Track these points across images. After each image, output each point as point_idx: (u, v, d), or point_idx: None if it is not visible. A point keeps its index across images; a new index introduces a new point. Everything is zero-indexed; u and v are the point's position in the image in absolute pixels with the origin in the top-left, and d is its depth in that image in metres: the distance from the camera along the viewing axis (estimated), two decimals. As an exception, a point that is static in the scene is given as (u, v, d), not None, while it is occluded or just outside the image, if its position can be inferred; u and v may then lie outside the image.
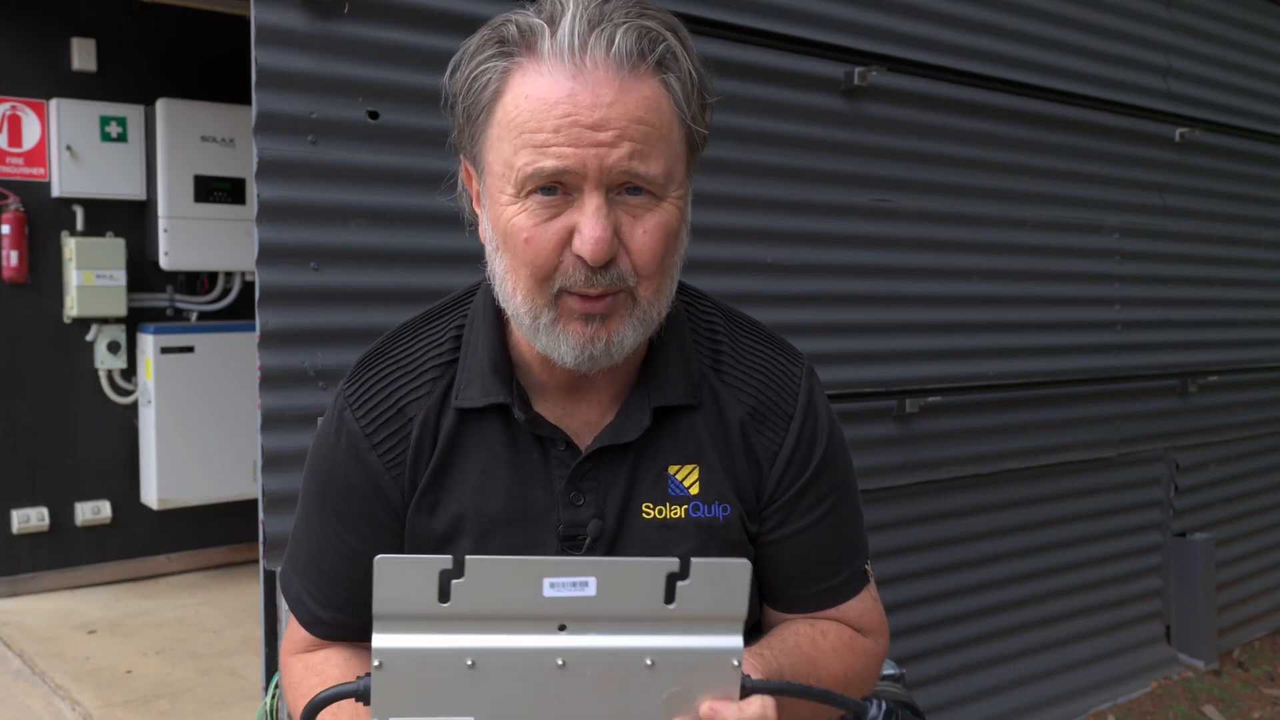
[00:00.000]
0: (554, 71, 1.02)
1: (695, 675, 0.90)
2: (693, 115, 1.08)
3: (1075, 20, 3.80)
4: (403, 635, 0.88)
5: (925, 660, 3.47)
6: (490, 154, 1.08)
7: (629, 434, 1.16)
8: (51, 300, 4.93)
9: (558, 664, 0.89)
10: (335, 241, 2.27)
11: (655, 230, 1.06)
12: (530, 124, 1.02)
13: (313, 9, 2.21)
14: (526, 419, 1.17)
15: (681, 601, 0.89)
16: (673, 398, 1.18)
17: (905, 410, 3.32)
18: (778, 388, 1.23)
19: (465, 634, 0.88)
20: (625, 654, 0.89)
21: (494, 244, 1.11)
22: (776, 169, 3.05)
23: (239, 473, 5.10)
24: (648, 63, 1.03)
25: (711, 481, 1.18)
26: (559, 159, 1.01)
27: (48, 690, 3.78)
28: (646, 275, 1.07)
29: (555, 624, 0.89)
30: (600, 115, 1.00)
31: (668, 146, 1.06)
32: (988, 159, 3.57)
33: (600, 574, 0.89)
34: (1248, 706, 4.09)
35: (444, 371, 1.21)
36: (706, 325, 1.25)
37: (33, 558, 4.90)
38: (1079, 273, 3.90)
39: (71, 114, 4.88)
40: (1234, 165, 4.53)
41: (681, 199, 1.10)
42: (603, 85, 1.01)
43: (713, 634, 0.90)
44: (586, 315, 1.07)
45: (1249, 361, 4.67)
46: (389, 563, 0.88)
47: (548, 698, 0.89)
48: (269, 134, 2.18)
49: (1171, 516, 4.34)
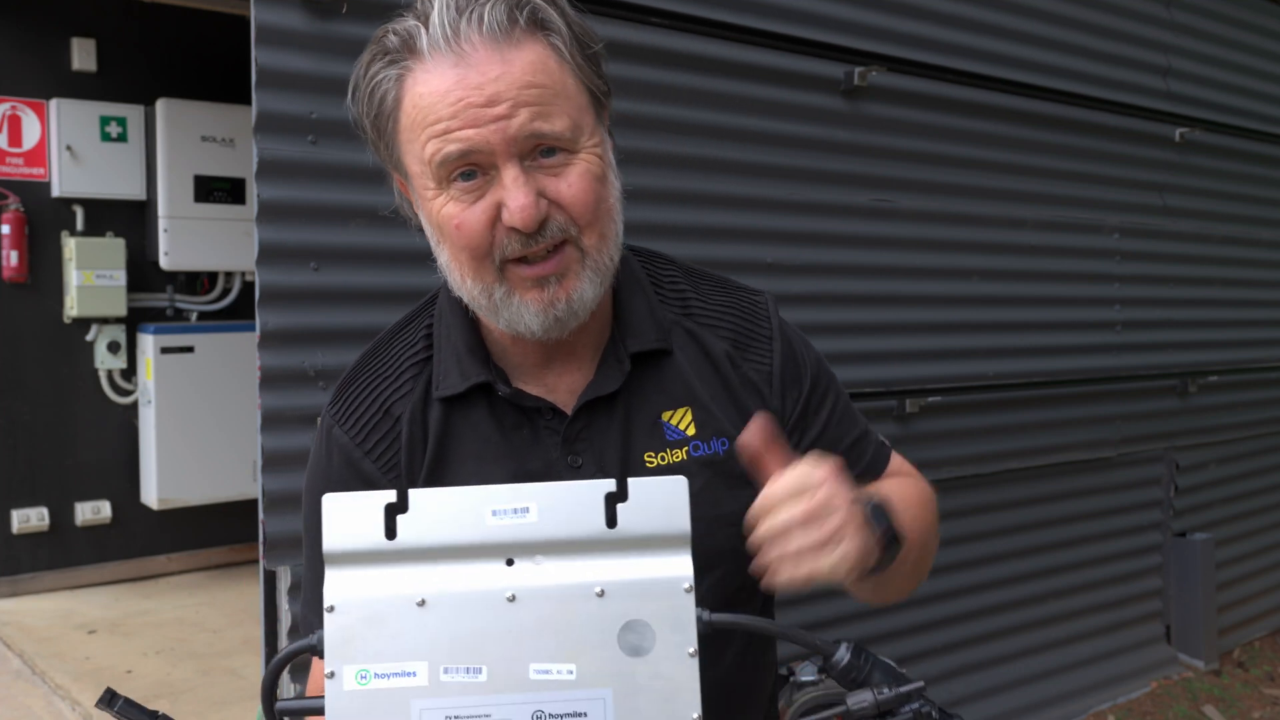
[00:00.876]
0: (438, 64, 1.05)
1: (647, 604, 0.89)
2: (580, 66, 1.10)
3: (1075, 20, 3.80)
4: (353, 573, 0.89)
5: (925, 660, 3.47)
6: (407, 158, 1.11)
7: (610, 385, 1.18)
8: (51, 300, 4.93)
9: (507, 598, 0.89)
10: (335, 241, 2.27)
11: (579, 179, 1.08)
12: (429, 117, 1.05)
13: (313, 9, 2.21)
14: (510, 392, 1.18)
15: (624, 523, 0.90)
16: (646, 343, 1.20)
17: (905, 410, 3.32)
18: (750, 316, 1.27)
19: (414, 568, 0.89)
20: (574, 585, 0.89)
21: (435, 239, 1.14)
22: (776, 169, 3.05)
23: (239, 473, 5.10)
24: (521, 27, 1.06)
25: (706, 420, 1.20)
26: (462, 141, 1.04)
27: (48, 690, 3.78)
28: (585, 223, 1.09)
29: (503, 558, 0.90)
30: (490, 91, 1.03)
31: (566, 100, 1.07)
32: (988, 159, 3.57)
33: (538, 498, 0.90)
34: (1248, 706, 4.09)
35: (422, 368, 1.22)
36: (669, 280, 1.28)
37: (33, 558, 4.90)
38: (1079, 273, 3.90)
39: (71, 114, 4.88)
40: (1234, 165, 4.53)
41: (598, 147, 1.11)
42: (485, 63, 1.04)
43: (660, 557, 0.90)
44: (540, 279, 1.09)
45: (1249, 361, 4.67)
46: (335, 500, 0.90)
47: (500, 636, 0.89)
48: (269, 134, 2.18)
49: (1171, 516, 4.34)
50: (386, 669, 0.88)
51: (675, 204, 2.83)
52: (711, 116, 2.90)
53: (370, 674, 0.88)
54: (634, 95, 2.76)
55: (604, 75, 1.14)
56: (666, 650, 0.89)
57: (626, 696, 0.88)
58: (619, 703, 0.88)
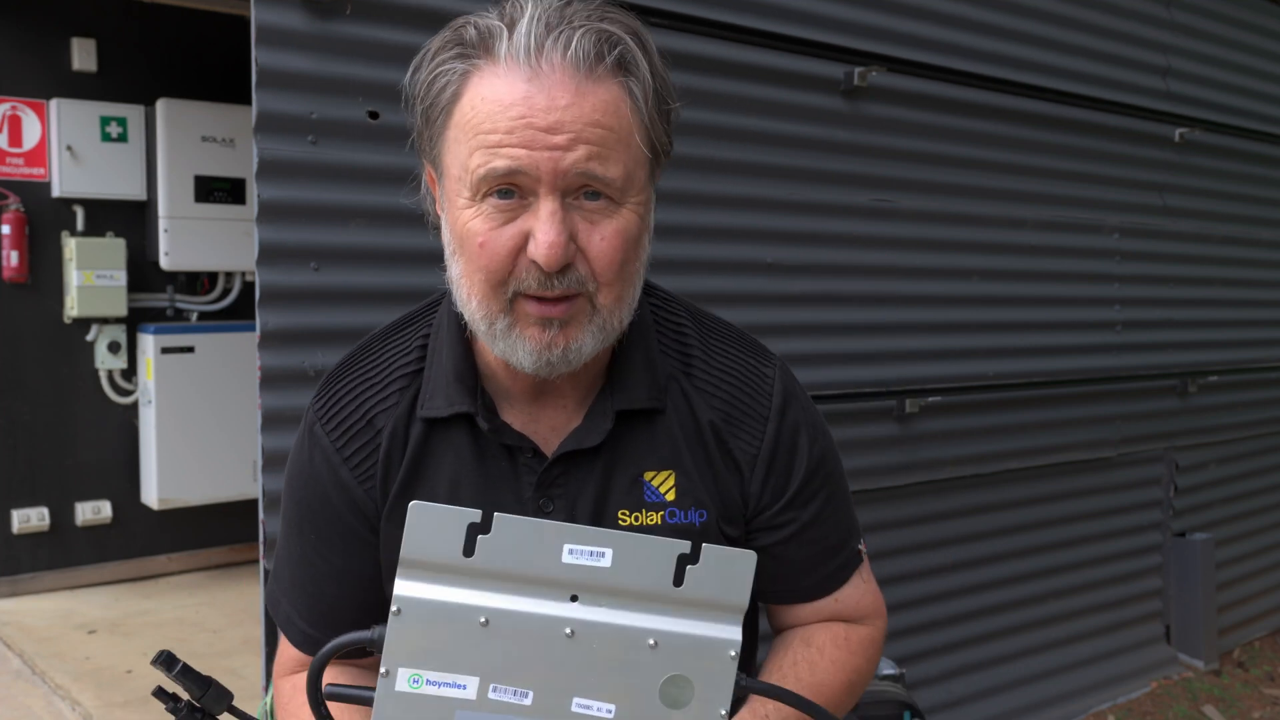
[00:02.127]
0: (510, 74, 1.01)
1: (694, 661, 0.93)
2: (652, 120, 1.06)
3: (1075, 20, 3.80)
4: (423, 585, 0.92)
5: (925, 660, 3.47)
6: (448, 157, 1.08)
7: (592, 439, 1.16)
8: (52, 300, 4.93)
9: (566, 633, 0.92)
10: (335, 241, 2.27)
11: (613, 237, 1.05)
12: (485, 125, 1.02)
13: (313, 9, 2.21)
14: (491, 428, 1.16)
15: (689, 585, 0.93)
16: (636, 401, 1.17)
17: (905, 410, 3.32)
18: (750, 389, 1.21)
19: (483, 591, 0.92)
20: (631, 631, 0.92)
21: (451, 248, 1.11)
22: (776, 169, 3.05)
23: (239, 473, 5.10)
24: (605, 65, 1.02)
25: (688, 487, 1.17)
26: (512, 160, 1.00)
27: (48, 690, 3.78)
28: (605, 282, 1.06)
29: (568, 594, 0.93)
30: (555, 118, 1.00)
31: (626, 151, 1.04)
32: (988, 159, 3.57)
33: (616, 546, 0.93)
34: (1248, 706, 4.09)
35: (411, 381, 1.20)
36: (675, 328, 1.24)
37: (33, 558, 4.90)
38: (1079, 273, 3.90)
39: (71, 114, 4.88)
40: (1234, 165, 4.53)
41: (642, 205, 1.08)
42: (558, 88, 1.00)
43: (714, 622, 0.94)
44: (544, 320, 1.06)
45: (1249, 361, 4.67)
46: (422, 509, 0.93)
47: (552, 665, 0.92)
48: (269, 134, 2.18)
49: (1171, 516, 4.34)
50: (439, 678, 0.91)
51: (676, 204, 2.83)
52: (711, 116, 2.90)
53: (423, 679, 0.91)
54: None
55: (670, 134, 1.11)
56: (702, 707, 0.93)
57: None
58: None
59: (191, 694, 0.96)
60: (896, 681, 2.33)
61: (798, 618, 1.30)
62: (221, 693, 0.96)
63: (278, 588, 1.28)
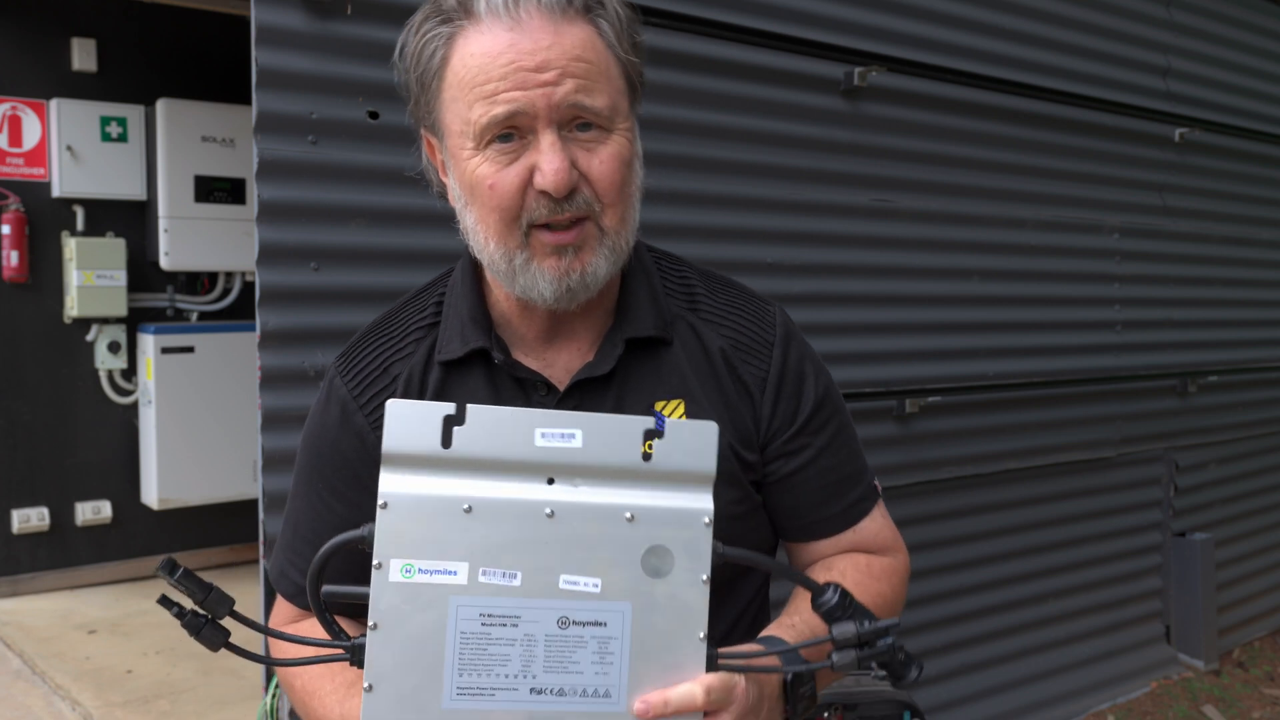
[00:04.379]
0: (493, 28, 1.09)
1: (670, 531, 0.97)
2: (626, 52, 1.15)
3: (1075, 20, 3.80)
4: (406, 477, 0.96)
5: (925, 660, 3.47)
6: (447, 115, 1.15)
7: (604, 366, 1.21)
8: (52, 300, 4.93)
9: (546, 513, 0.96)
10: (335, 241, 2.27)
11: (610, 159, 1.13)
12: (479, 78, 1.10)
13: (313, 9, 2.21)
14: (505, 360, 1.21)
15: (658, 458, 0.98)
16: (643, 329, 1.23)
17: (905, 410, 3.32)
18: (754, 320, 1.28)
19: (464, 477, 0.97)
20: (607, 507, 0.97)
21: (462, 200, 1.18)
22: (776, 169, 3.05)
23: (239, 473, 5.10)
24: (575, 8, 1.11)
25: (698, 415, 1.22)
26: (510, 102, 1.08)
27: (48, 690, 3.78)
28: (609, 202, 1.14)
29: (545, 476, 0.97)
30: (541, 58, 1.08)
31: (608, 81, 1.13)
32: (988, 159, 3.57)
33: (585, 427, 0.98)
34: (1248, 706, 4.09)
35: (428, 333, 1.27)
36: (679, 276, 1.31)
37: (33, 558, 4.90)
38: (1079, 273, 3.90)
39: (71, 114, 4.88)
40: (1234, 165, 4.53)
41: (629, 131, 1.16)
42: (539, 32, 1.09)
43: (685, 492, 0.99)
44: (559, 248, 1.13)
45: (1249, 361, 4.67)
46: (400, 406, 0.98)
47: (536, 546, 0.96)
48: (269, 134, 2.18)
49: (1171, 516, 4.34)
50: (430, 565, 0.95)
51: (676, 204, 2.83)
52: (711, 116, 2.90)
53: (415, 569, 0.95)
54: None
55: (642, 66, 1.20)
56: (683, 575, 0.98)
57: (643, 612, 0.97)
58: (636, 617, 0.97)
59: (195, 598, 0.98)
60: (896, 681, 2.33)
61: (818, 553, 1.32)
62: (222, 597, 0.99)
63: (281, 543, 1.33)
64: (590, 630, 0.95)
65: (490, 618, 0.95)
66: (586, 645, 0.95)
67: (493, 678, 0.94)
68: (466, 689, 0.94)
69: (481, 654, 0.94)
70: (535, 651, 0.95)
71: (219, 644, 0.98)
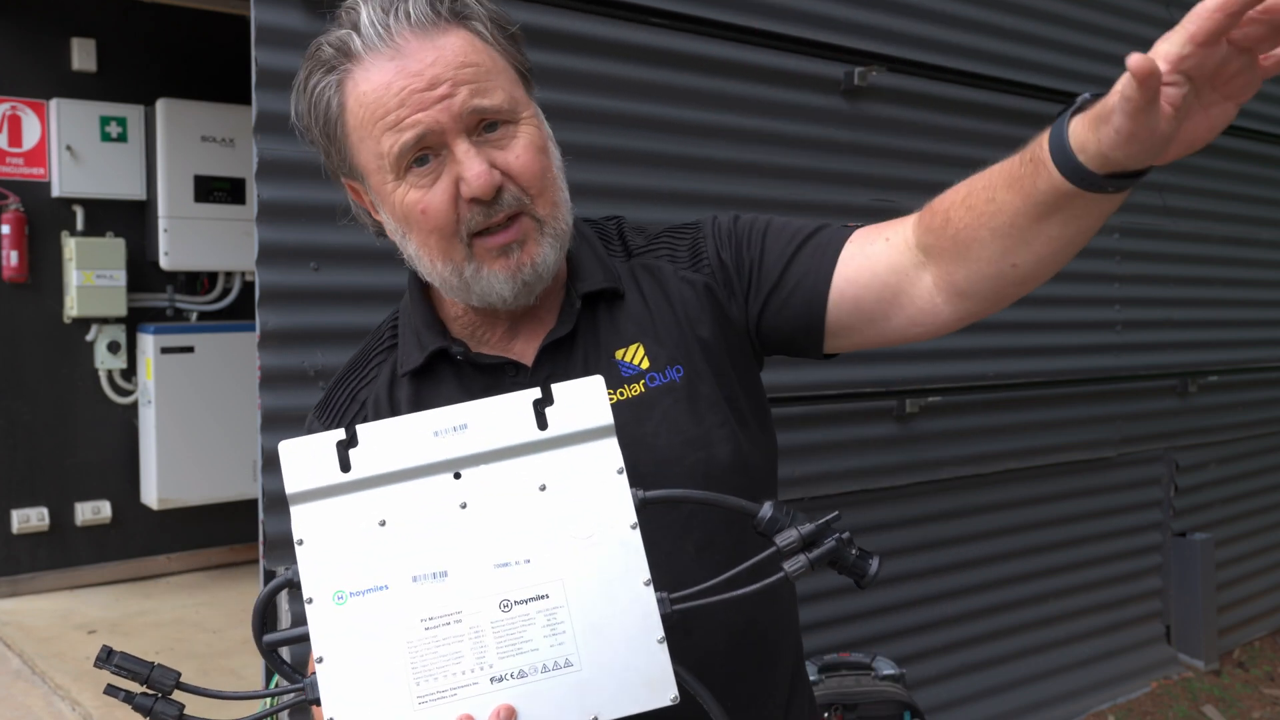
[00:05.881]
0: (376, 61, 1.11)
1: (585, 488, 0.98)
2: (504, 47, 1.17)
3: (1075, 20, 3.80)
4: (316, 507, 0.97)
5: (925, 660, 3.47)
6: (361, 157, 1.17)
7: (565, 327, 1.22)
8: (51, 300, 4.93)
9: (460, 505, 0.97)
10: (335, 241, 2.27)
11: (525, 150, 1.14)
12: (378, 111, 1.11)
13: (313, 9, 2.21)
14: (465, 353, 1.23)
15: (554, 423, 0.99)
16: (596, 283, 1.24)
17: (905, 410, 3.32)
18: (685, 233, 1.31)
19: (371, 493, 0.97)
20: (517, 484, 0.98)
21: (400, 232, 1.19)
22: (776, 169, 3.05)
23: (239, 473, 5.10)
24: (444, 18, 1.13)
25: (658, 351, 1.22)
26: (414, 125, 1.10)
27: (48, 690, 3.78)
28: (537, 192, 1.15)
29: (450, 472, 0.98)
30: (430, 75, 1.10)
31: (498, 77, 1.14)
32: (988, 159, 3.56)
33: (472, 415, 0.99)
34: (1248, 706, 4.09)
35: (388, 355, 1.30)
36: (616, 232, 1.34)
37: (33, 558, 4.90)
38: (1079, 272, 3.90)
39: (71, 114, 4.88)
40: (1234, 165, 4.53)
41: (534, 118, 1.17)
42: (420, 51, 1.11)
43: (591, 449, 0.99)
44: (504, 247, 1.14)
45: (1249, 361, 4.67)
46: (290, 446, 0.98)
47: (459, 540, 0.96)
48: (269, 134, 2.18)
49: (1171, 516, 4.34)
50: (360, 587, 0.95)
51: (676, 204, 2.83)
52: (711, 116, 2.90)
53: (346, 594, 0.95)
54: (634, 95, 2.76)
55: (524, 53, 1.21)
56: (611, 528, 0.97)
57: (582, 573, 0.96)
58: (576, 580, 0.96)
59: (138, 679, 0.97)
60: (896, 681, 2.33)
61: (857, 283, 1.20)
62: (165, 672, 0.97)
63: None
64: (534, 606, 0.95)
65: (432, 620, 0.94)
66: (534, 621, 0.95)
67: (451, 678, 0.94)
68: (428, 696, 0.93)
69: (433, 658, 0.94)
70: (485, 641, 0.94)
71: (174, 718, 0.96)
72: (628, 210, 2.64)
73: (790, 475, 3.05)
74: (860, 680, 2.34)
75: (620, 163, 2.76)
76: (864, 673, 2.36)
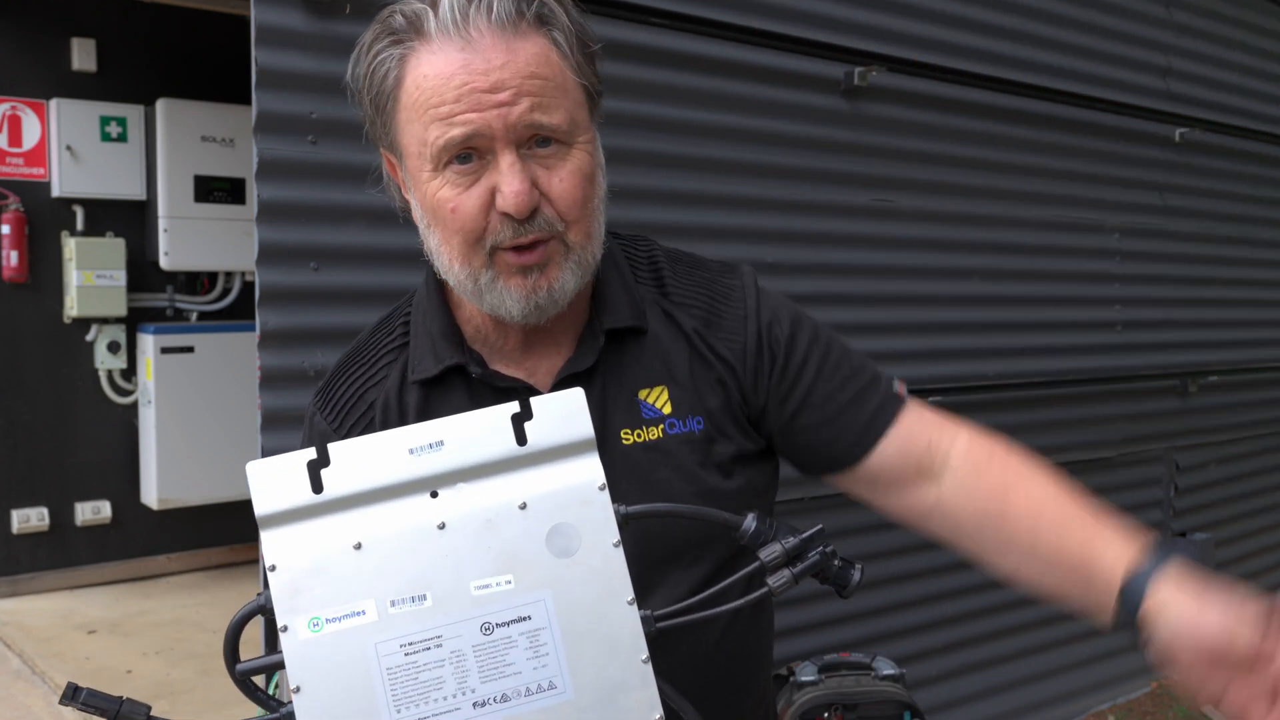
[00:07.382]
0: (444, 48, 1.07)
1: (566, 506, 0.95)
2: (579, 64, 1.13)
3: (1075, 20, 3.80)
4: (288, 531, 0.94)
5: (925, 660, 3.47)
6: (404, 138, 1.13)
7: (586, 361, 1.19)
8: (51, 300, 4.93)
9: (438, 526, 0.93)
10: (335, 241, 2.27)
11: (570, 176, 1.10)
12: (433, 100, 1.07)
13: (313, 9, 2.21)
14: (483, 373, 1.20)
15: (533, 439, 0.96)
16: (621, 320, 1.21)
17: (905, 410, 3.32)
18: (723, 297, 1.27)
19: (346, 515, 0.94)
20: (496, 503, 0.94)
21: (425, 222, 1.16)
22: (776, 169, 3.05)
23: (239, 473, 5.04)
24: (527, 21, 1.08)
25: (682, 398, 1.20)
26: (465, 125, 1.06)
27: (48, 690, 3.78)
28: (572, 220, 1.11)
29: (427, 491, 0.95)
30: (495, 78, 1.06)
31: (564, 95, 1.10)
32: (988, 159, 3.57)
33: (449, 431, 0.96)
34: (1248, 706, 4.08)
35: (398, 355, 1.25)
36: (647, 259, 1.29)
37: (33, 558, 4.90)
38: (1079, 273, 3.90)
39: (71, 114, 4.88)
40: (1234, 165, 4.53)
41: (590, 144, 1.14)
42: (491, 50, 1.06)
43: (572, 465, 0.96)
44: (524, 268, 1.11)
45: (1249, 361, 4.67)
46: (259, 466, 0.95)
47: (437, 562, 0.93)
48: (269, 134, 2.18)
49: (1171, 516, 4.34)
50: (336, 613, 0.92)
51: (676, 204, 2.83)
52: (711, 116, 2.90)
53: (322, 620, 0.92)
54: (634, 95, 2.76)
55: (599, 74, 1.17)
56: (593, 546, 0.94)
57: (564, 594, 0.93)
58: (558, 601, 0.93)
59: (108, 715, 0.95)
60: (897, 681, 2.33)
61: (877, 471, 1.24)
62: (135, 706, 0.96)
63: None
64: (516, 628, 0.92)
65: (412, 645, 0.92)
66: (517, 644, 0.92)
67: (432, 704, 0.91)
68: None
69: (414, 684, 0.91)
70: (467, 665, 0.91)
71: None
72: (628, 210, 2.64)
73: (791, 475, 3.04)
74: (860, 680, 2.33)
75: (620, 163, 2.75)
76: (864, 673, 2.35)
